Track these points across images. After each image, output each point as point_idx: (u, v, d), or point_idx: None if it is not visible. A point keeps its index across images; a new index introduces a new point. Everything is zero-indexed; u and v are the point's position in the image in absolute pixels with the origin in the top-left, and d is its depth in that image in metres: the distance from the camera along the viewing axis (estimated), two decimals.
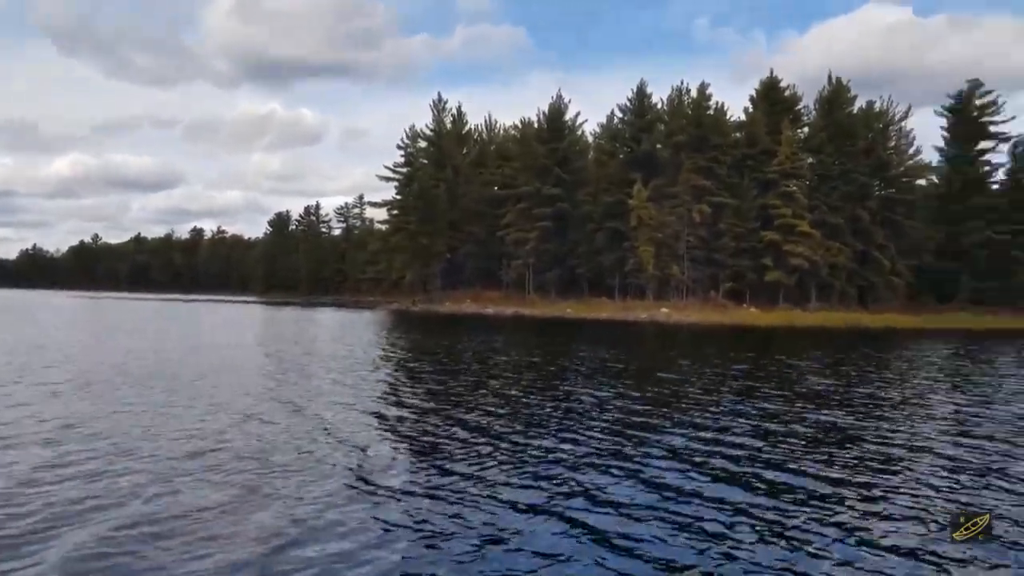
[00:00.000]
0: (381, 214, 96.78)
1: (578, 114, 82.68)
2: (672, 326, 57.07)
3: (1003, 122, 75.98)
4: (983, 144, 76.48)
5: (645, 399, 16.50)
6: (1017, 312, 68.71)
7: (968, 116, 76.04)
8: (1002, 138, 76.17)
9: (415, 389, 17.41)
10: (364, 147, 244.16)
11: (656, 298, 71.15)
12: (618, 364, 25.58)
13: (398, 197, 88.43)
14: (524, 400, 15.78)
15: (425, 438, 11.74)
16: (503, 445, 11.19)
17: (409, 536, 7.30)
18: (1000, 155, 76.83)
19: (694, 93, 74.73)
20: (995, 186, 76.74)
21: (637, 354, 31.33)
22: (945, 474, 10.14)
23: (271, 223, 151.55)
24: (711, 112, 73.56)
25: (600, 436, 12.07)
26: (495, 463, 10.12)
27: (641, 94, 77.21)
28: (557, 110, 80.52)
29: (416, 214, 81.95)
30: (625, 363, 26.27)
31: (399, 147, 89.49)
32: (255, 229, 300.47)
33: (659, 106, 76.97)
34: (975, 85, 76.77)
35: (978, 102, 76.29)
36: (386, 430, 12.27)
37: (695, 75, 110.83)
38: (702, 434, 12.40)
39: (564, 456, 10.58)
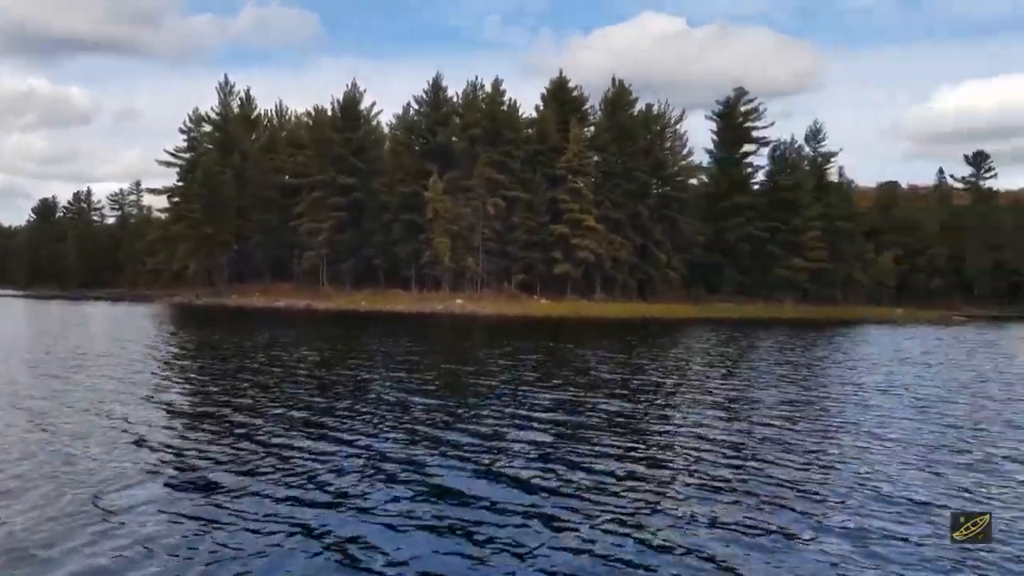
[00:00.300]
0: (161, 201, 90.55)
1: (373, 104, 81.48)
2: (467, 317, 57.79)
3: (764, 128, 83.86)
4: (746, 147, 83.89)
5: (439, 394, 16.40)
6: (771, 302, 76.13)
7: (734, 121, 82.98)
8: (763, 142, 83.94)
9: (190, 391, 16.25)
10: (142, 130, 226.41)
11: (452, 289, 71.75)
12: (413, 358, 25.38)
13: (180, 183, 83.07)
14: (310, 400, 15.16)
15: (190, 446, 10.87)
16: (279, 451, 10.58)
17: (158, 560, 6.61)
18: (761, 158, 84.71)
19: (488, 88, 76.02)
20: (756, 187, 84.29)
21: (433, 347, 31.31)
22: (725, 461, 10.63)
23: (35, 210, 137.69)
24: (504, 108, 75.11)
25: (389, 437, 11.72)
26: (267, 472, 9.50)
27: (437, 87, 77.40)
28: (352, 98, 78.88)
29: (200, 201, 77.35)
30: (420, 357, 26.12)
31: (182, 131, 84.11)
32: (16, 216, 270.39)
33: (454, 99, 77.56)
34: (740, 93, 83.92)
35: (743, 108, 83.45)
36: (145, 438, 11.22)
37: (488, 71, 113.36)
38: (495, 430, 12.34)
39: (345, 461, 10.11)
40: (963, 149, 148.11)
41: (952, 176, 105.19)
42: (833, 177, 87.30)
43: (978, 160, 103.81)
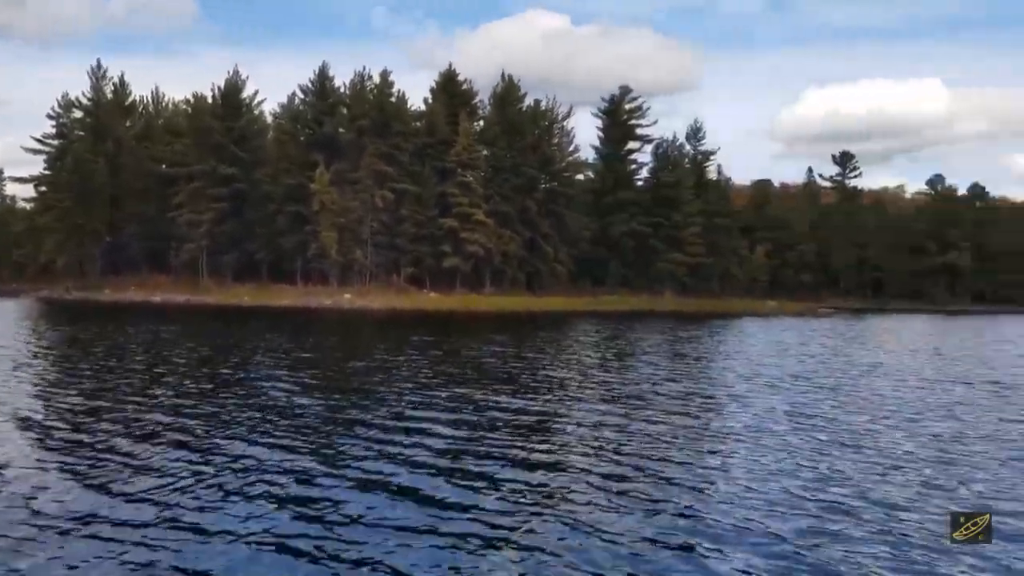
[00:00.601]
0: (26, 190, 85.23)
1: (256, 92, 79.07)
2: (356, 312, 57.23)
3: (648, 125, 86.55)
4: (631, 144, 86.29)
5: (336, 392, 16.14)
6: (654, 295, 78.74)
7: (619, 119, 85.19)
8: (646, 140, 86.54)
9: (51, 396, 15.31)
10: (6, 116, 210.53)
11: (339, 283, 70.73)
12: (304, 354, 25.06)
13: (48, 172, 78.42)
14: (185, 404, 14.47)
15: (44, 459, 10.10)
16: (145, 463, 9.88)
17: None
18: (645, 155, 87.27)
19: (376, 79, 75.19)
20: (640, 183, 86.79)
21: (323, 343, 30.91)
22: (621, 460, 10.56)
23: None
24: (393, 99, 74.48)
25: (270, 444, 11.20)
26: (126, 488, 8.82)
27: (323, 76, 75.87)
28: (234, 86, 76.31)
29: (70, 190, 73.24)
30: (311, 353, 25.82)
31: (50, 116, 79.25)
32: None
33: (341, 90, 76.29)
34: (625, 91, 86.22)
35: (627, 106, 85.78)
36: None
37: (374, 62, 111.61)
38: (385, 434, 11.94)
39: (217, 474, 9.47)
40: (831, 149, 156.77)
41: (821, 175, 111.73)
42: (712, 175, 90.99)
43: (844, 160, 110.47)
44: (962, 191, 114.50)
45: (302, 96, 76.92)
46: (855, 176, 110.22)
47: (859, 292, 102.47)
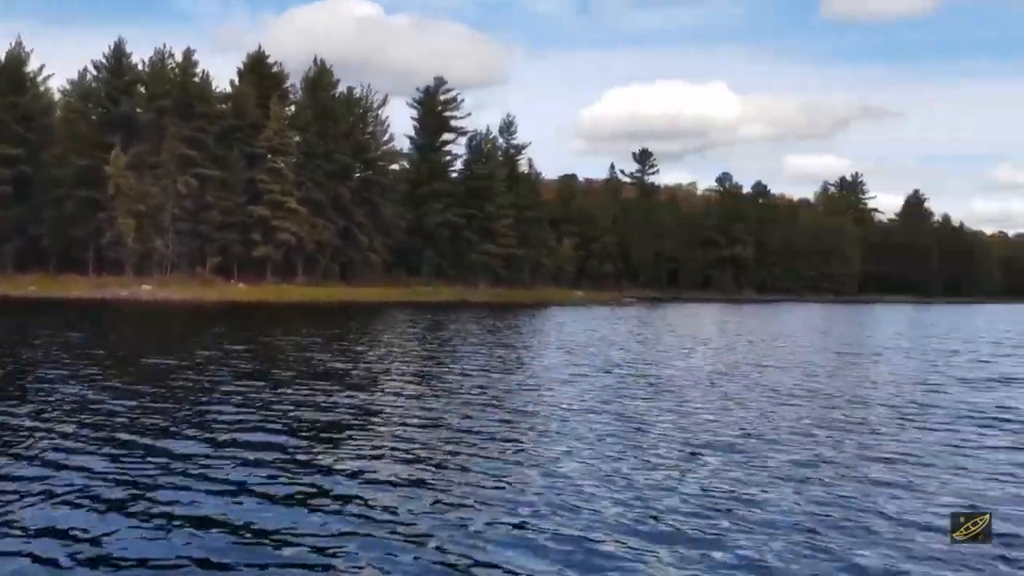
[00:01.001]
0: None
1: (43, 67, 72.46)
2: (157, 304, 54.31)
3: (462, 118, 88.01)
4: (446, 136, 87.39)
5: (137, 393, 14.77)
6: (468, 285, 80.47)
7: (433, 110, 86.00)
8: (461, 132, 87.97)
9: None
10: None
11: (137, 274, 66.49)
12: (98, 351, 23.55)
13: None
14: None
15: None
16: None
17: None
18: (459, 147, 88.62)
19: (179, 58, 71.20)
20: (455, 175, 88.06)
21: (120, 337, 29.28)
22: (485, 456, 10.05)
23: None
24: (197, 80, 70.85)
25: (70, 456, 9.66)
26: None
27: (119, 52, 70.74)
28: (17, 58, 69.51)
29: None
30: (107, 349, 24.35)
31: None
32: None
33: (140, 68, 71.50)
34: (439, 82, 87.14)
35: (442, 98, 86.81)
36: None
37: (176, 41, 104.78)
38: (214, 435, 11.08)
39: (8, 492, 8.01)
40: (632, 147, 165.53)
41: (622, 172, 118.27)
42: (524, 168, 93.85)
43: (643, 158, 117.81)
44: (747, 189, 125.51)
45: (95, 73, 71.32)
46: (653, 173, 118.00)
47: (656, 283, 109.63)
